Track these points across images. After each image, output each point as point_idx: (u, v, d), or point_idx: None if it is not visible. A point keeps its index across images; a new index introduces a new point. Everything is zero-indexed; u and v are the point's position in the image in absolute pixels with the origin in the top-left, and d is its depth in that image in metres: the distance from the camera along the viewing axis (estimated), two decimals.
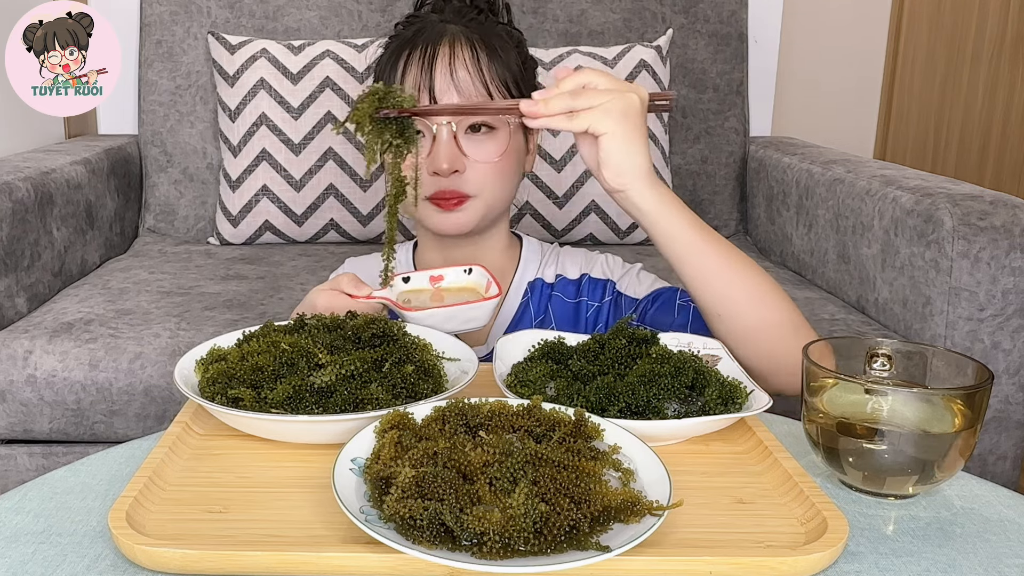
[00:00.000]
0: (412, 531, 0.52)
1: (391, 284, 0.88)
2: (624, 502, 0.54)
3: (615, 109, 0.78)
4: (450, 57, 0.97)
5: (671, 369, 0.71)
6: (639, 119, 0.79)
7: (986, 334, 1.27)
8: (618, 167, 0.80)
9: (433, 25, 1.00)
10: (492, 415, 0.64)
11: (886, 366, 0.71)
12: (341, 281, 0.89)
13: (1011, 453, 1.33)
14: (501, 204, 1.03)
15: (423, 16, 1.04)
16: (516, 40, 1.04)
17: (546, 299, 1.07)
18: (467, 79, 0.97)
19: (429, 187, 0.97)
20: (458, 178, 0.97)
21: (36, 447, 1.30)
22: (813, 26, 2.17)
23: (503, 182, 1.00)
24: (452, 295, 0.91)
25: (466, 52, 0.97)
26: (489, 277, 0.90)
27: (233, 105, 1.74)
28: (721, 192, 1.96)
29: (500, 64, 0.99)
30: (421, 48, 0.97)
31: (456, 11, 1.03)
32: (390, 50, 1.02)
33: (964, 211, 1.26)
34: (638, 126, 0.79)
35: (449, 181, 0.97)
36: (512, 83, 1.00)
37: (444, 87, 0.96)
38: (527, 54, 1.05)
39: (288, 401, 0.67)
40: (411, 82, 0.97)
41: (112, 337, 1.27)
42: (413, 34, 1.00)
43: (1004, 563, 0.58)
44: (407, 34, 1.01)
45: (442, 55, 0.97)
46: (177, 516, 0.59)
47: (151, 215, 1.87)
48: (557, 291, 1.07)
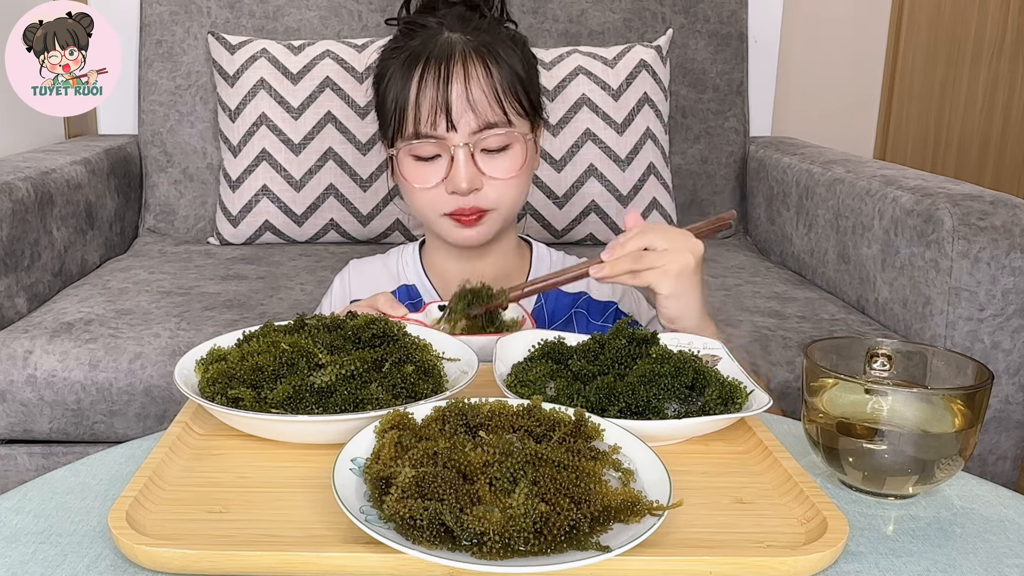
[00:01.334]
0: (412, 531, 0.52)
1: (425, 310, 0.93)
2: (624, 502, 0.54)
3: (672, 271, 0.86)
4: (464, 77, 0.96)
5: (671, 369, 0.71)
6: (695, 277, 0.88)
7: (986, 334, 1.27)
8: (671, 317, 0.89)
9: (437, 36, 0.99)
10: (492, 415, 0.64)
11: (886, 366, 0.71)
12: (378, 300, 0.91)
13: (1011, 453, 1.33)
14: (516, 211, 1.05)
15: (424, 23, 1.02)
16: (520, 43, 1.04)
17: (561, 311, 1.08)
18: (483, 99, 0.97)
19: (448, 204, 0.99)
20: (476, 195, 0.98)
21: (36, 447, 1.30)
22: (813, 26, 2.17)
23: (519, 193, 1.02)
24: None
25: (479, 70, 0.97)
26: (523, 313, 0.94)
27: (233, 105, 1.74)
28: (721, 192, 1.96)
29: (509, 72, 0.99)
30: (435, 68, 0.97)
31: (458, 16, 1.01)
32: (399, 62, 1.00)
33: (964, 211, 1.26)
34: (694, 284, 0.88)
35: (468, 199, 0.98)
36: (520, 88, 1.00)
37: (461, 110, 0.96)
38: (530, 54, 1.05)
39: (288, 401, 0.67)
40: (428, 104, 0.96)
41: (112, 337, 1.27)
42: (420, 46, 0.99)
43: (1004, 563, 0.58)
44: (414, 45, 1.00)
45: (456, 76, 0.96)
46: (177, 516, 0.58)
47: (151, 215, 1.87)
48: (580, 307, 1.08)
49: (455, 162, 0.96)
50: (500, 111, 0.98)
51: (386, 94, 1.01)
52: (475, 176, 0.97)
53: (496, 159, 0.98)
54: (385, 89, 1.02)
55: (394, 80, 1.00)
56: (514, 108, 0.99)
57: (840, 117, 2.25)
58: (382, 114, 1.03)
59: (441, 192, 0.98)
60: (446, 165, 0.97)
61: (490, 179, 0.98)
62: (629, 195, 1.75)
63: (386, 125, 1.02)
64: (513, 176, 0.99)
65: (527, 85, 1.01)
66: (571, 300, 1.08)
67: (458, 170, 0.96)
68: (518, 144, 0.99)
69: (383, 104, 1.02)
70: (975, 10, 2.27)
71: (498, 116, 0.97)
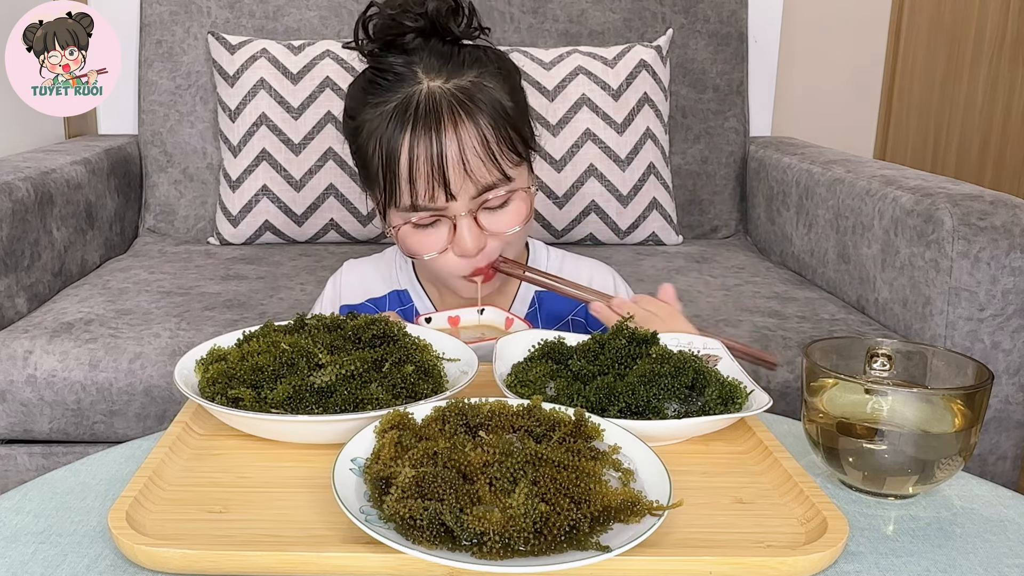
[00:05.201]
0: (412, 531, 0.52)
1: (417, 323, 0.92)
2: (624, 502, 0.54)
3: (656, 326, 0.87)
4: (457, 143, 0.90)
5: (671, 369, 0.71)
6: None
7: (986, 334, 1.27)
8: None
9: (416, 86, 0.91)
10: (492, 415, 0.64)
11: (886, 366, 0.71)
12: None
13: (1011, 453, 1.33)
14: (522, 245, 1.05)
15: (395, 66, 0.93)
16: (502, 70, 0.96)
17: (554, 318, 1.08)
18: (478, 163, 0.91)
19: (461, 267, 0.96)
20: (483, 252, 0.96)
21: (36, 447, 1.30)
22: (813, 26, 2.17)
23: (524, 232, 0.99)
24: (470, 332, 0.94)
25: (469, 130, 0.90)
26: (506, 315, 0.95)
27: (233, 105, 1.74)
28: (721, 192, 1.96)
29: (497, 116, 0.92)
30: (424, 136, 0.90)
31: (431, 52, 0.93)
32: (382, 118, 0.92)
33: (964, 211, 1.26)
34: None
35: (478, 259, 0.96)
36: (510, 129, 0.94)
37: (459, 180, 0.91)
38: (513, 77, 0.98)
39: (288, 401, 0.67)
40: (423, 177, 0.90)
41: (112, 337, 1.27)
42: (402, 102, 0.91)
43: (1004, 563, 0.58)
44: (392, 99, 0.92)
45: (449, 144, 0.89)
46: (177, 516, 0.59)
47: (151, 215, 1.87)
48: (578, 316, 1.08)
49: (459, 231, 0.93)
50: (497, 171, 0.92)
51: (367, 149, 0.94)
52: (480, 238, 0.94)
53: (498, 215, 0.95)
54: (365, 143, 0.94)
55: (377, 138, 0.93)
56: (509, 160, 0.93)
57: (840, 117, 2.25)
58: (365, 169, 0.97)
59: (450, 256, 0.95)
60: (448, 231, 0.94)
61: (495, 235, 0.95)
62: (629, 195, 1.75)
63: (372, 182, 0.96)
64: (518, 226, 0.96)
65: (517, 121, 0.95)
66: (568, 307, 1.07)
67: (463, 238, 0.93)
68: (518, 198, 0.96)
69: (365, 159, 0.95)
70: (975, 10, 2.27)
71: (496, 176, 0.92)
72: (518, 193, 0.95)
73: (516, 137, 0.94)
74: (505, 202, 0.95)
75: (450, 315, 0.96)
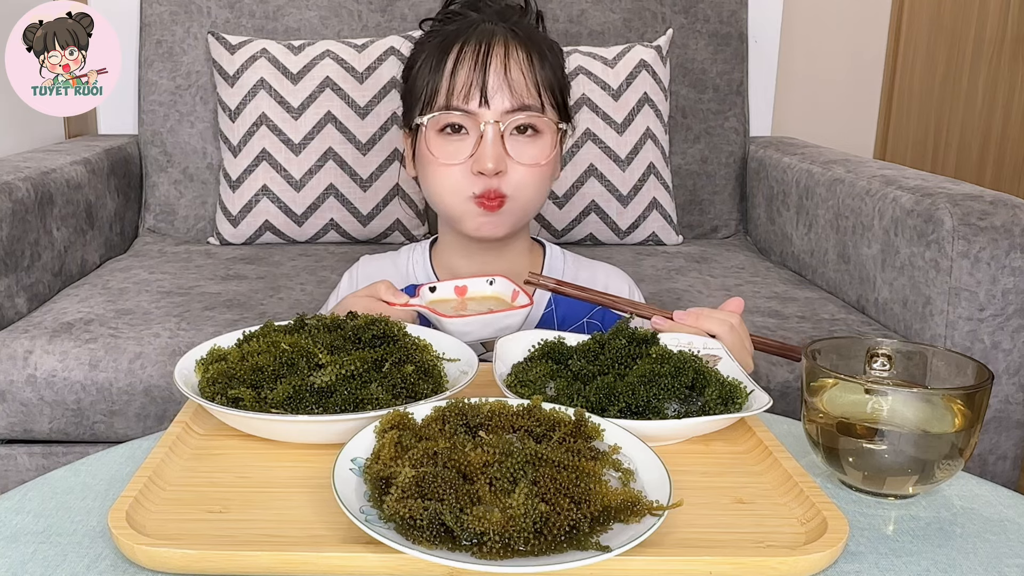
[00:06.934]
0: (412, 531, 0.52)
1: (418, 294, 0.91)
2: (624, 502, 0.54)
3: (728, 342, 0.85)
4: (504, 56, 0.95)
5: (671, 369, 0.71)
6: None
7: (986, 334, 1.27)
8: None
9: (478, 24, 0.98)
10: (492, 415, 0.64)
11: (886, 366, 0.71)
12: (379, 288, 0.89)
13: (1011, 453, 1.33)
14: (533, 210, 1.03)
15: (462, 13, 1.01)
16: (558, 49, 1.03)
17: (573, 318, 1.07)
18: (520, 80, 0.96)
19: (472, 186, 0.96)
20: (500, 178, 0.96)
21: (36, 447, 1.30)
22: (813, 26, 2.17)
23: (540, 187, 1.00)
24: (476, 304, 0.92)
25: (520, 53, 0.96)
26: (515, 287, 0.91)
27: (233, 105, 1.74)
28: (721, 192, 1.96)
29: (549, 70, 0.98)
30: (474, 45, 0.95)
31: (498, 12, 1.01)
32: (435, 45, 0.98)
33: (964, 211, 1.26)
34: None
35: (492, 181, 0.96)
36: (558, 90, 0.99)
37: (497, 85, 0.95)
38: (564, 64, 1.04)
39: (288, 401, 0.67)
40: (462, 79, 0.95)
41: (112, 337, 1.27)
42: (457, 30, 0.98)
43: (1004, 563, 0.58)
44: (450, 30, 0.99)
45: (496, 54, 0.95)
46: (177, 516, 0.59)
47: (151, 215, 1.87)
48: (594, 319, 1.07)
49: (483, 140, 0.94)
50: (536, 95, 0.96)
51: (416, 76, 0.99)
52: (502, 157, 0.95)
53: (525, 145, 0.96)
54: (416, 72, 0.99)
55: (427, 62, 0.98)
56: (549, 99, 0.97)
57: (840, 117, 2.25)
58: (409, 97, 1.01)
59: (466, 172, 0.96)
60: (473, 143, 0.95)
61: (516, 164, 0.96)
62: (629, 195, 1.75)
63: (412, 106, 1.00)
64: (539, 165, 0.97)
65: (561, 79, 1.00)
66: (585, 309, 1.06)
67: (485, 148, 0.94)
68: (548, 132, 0.97)
69: (412, 86, 1.00)
70: (975, 10, 2.27)
71: (533, 99, 0.96)
72: (546, 136, 0.98)
73: (558, 90, 0.99)
74: (534, 134, 0.97)
75: (457, 284, 0.93)
